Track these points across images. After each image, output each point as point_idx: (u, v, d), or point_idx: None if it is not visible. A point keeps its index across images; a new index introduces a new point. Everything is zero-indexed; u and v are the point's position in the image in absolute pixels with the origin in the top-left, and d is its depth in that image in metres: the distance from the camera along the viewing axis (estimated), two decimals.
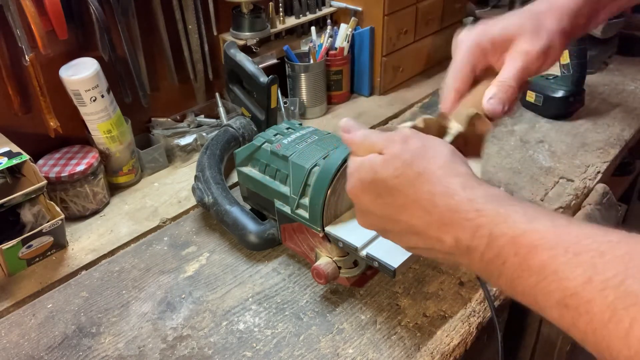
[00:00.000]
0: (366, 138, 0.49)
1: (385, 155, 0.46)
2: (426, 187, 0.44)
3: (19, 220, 0.79)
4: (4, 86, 0.84)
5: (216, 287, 0.74)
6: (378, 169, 0.46)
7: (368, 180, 0.47)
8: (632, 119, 1.11)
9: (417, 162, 0.45)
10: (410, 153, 0.45)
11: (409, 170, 0.45)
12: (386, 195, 0.46)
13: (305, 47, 1.17)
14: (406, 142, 0.46)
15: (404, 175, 0.45)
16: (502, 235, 0.38)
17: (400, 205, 0.45)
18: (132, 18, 0.93)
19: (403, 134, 0.48)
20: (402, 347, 0.64)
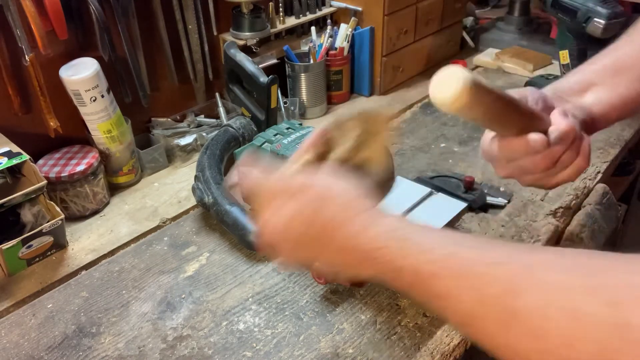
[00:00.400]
0: (262, 188, 0.51)
1: (287, 214, 0.48)
2: (336, 234, 0.46)
3: (19, 220, 0.79)
4: (4, 86, 0.84)
5: (216, 287, 0.74)
6: (285, 230, 0.48)
7: (279, 238, 0.50)
8: (632, 119, 1.10)
9: (319, 215, 0.47)
10: (310, 208, 0.47)
11: (315, 226, 0.47)
12: (302, 247, 0.49)
13: (305, 47, 1.17)
14: (303, 193, 0.48)
15: (311, 230, 0.47)
16: (405, 267, 0.42)
17: (318, 251, 0.48)
18: (132, 18, 0.93)
19: (297, 185, 0.49)
20: (402, 347, 0.64)
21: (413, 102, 1.21)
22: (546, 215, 0.85)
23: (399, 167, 0.95)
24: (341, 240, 0.46)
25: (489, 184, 0.91)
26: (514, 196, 0.89)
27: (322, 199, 0.48)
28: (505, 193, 0.89)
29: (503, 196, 0.88)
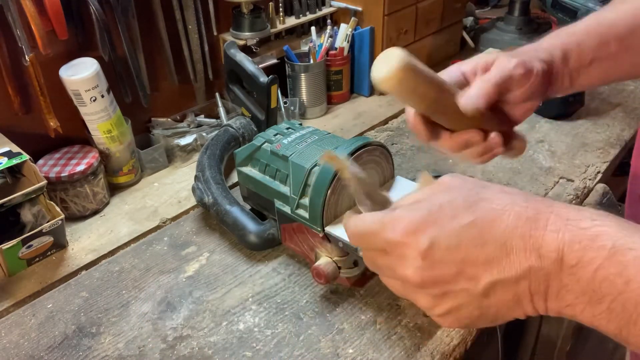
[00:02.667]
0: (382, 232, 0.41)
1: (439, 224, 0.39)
2: (517, 197, 0.39)
3: (19, 220, 0.79)
4: (4, 86, 0.84)
5: (216, 287, 0.74)
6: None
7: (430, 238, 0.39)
8: (632, 119, 1.11)
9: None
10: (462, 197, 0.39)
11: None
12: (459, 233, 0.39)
13: (305, 47, 1.17)
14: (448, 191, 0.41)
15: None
16: (629, 250, 0.33)
17: (485, 220, 0.38)
18: (132, 18, 0.93)
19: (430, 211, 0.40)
20: (402, 347, 0.64)
21: None
22: None
23: (398, 167, 0.95)
24: (521, 206, 0.37)
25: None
26: None
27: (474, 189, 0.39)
28: None
29: None
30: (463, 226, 0.38)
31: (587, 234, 0.35)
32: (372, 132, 1.12)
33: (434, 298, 0.40)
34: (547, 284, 0.36)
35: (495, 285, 0.38)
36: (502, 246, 0.37)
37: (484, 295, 0.38)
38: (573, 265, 0.35)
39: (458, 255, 0.38)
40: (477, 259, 0.37)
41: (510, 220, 0.37)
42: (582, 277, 0.35)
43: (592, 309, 0.35)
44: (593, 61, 0.56)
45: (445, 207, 0.39)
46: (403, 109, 1.19)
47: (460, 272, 0.38)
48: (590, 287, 0.35)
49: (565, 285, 0.36)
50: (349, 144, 0.68)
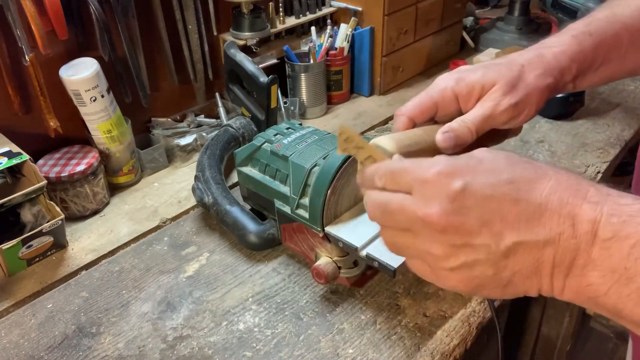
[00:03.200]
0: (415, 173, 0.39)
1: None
2: (559, 168, 0.37)
3: (19, 220, 0.79)
4: (4, 86, 0.84)
5: (216, 287, 0.74)
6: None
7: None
8: (632, 119, 1.11)
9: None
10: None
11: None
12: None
13: (305, 47, 1.17)
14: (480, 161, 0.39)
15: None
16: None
17: (525, 179, 0.36)
18: (132, 18, 0.93)
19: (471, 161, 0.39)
20: (402, 347, 0.64)
21: None
22: None
23: None
24: (562, 176, 0.36)
25: None
26: None
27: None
28: None
29: None
30: (501, 181, 0.36)
31: (628, 209, 0.34)
32: (372, 132, 1.12)
33: (450, 247, 0.37)
34: (574, 257, 0.35)
35: (518, 246, 0.36)
36: (536, 207, 0.35)
37: (504, 255, 0.36)
38: (608, 239, 0.33)
39: (489, 206, 0.36)
40: (508, 214, 0.35)
41: (550, 184, 0.36)
42: (615, 252, 0.33)
43: (620, 289, 0.33)
44: (602, 63, 0.56)
45: (485, 162, 0.37)
46: None
47: (486, 224, 0.36)
48: (623, 264, 0.33)
49: (593, 260, 0.34)
50: None
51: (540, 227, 0.35)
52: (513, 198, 0.35)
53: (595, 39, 0.55)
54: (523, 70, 0.54)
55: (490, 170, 0.37)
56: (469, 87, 0.53)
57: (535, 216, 0.35)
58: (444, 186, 0.36)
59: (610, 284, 0.34)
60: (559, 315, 1.10)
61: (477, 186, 0.36)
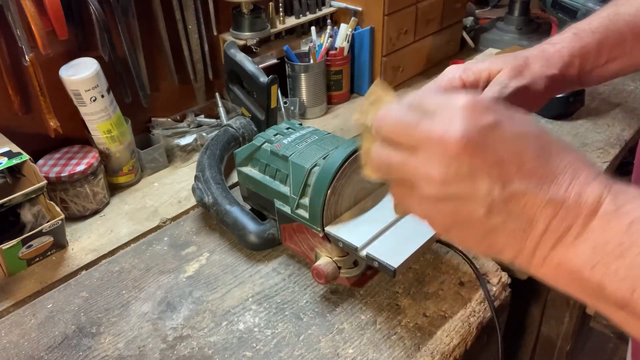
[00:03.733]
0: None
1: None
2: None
3: (19, 220, 0.79)
4: (4, 86, 0.84)
5: (216, 287, 0.74)
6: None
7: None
8: (632, 119, 1.11)
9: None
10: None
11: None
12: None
13: (305, 47, 1.17)
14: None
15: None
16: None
17: (553, 144, 0.36)
18: (132, 18, 0.93)
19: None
20: (402, 347, 0.64)
21: None
22: None
23: None
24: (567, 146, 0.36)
25: None
26: None
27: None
28: None
29: None
30: (531, 132, 0.36)
31: (633, 192, 0.34)
32: None
33: (454, 174, 0.35)
34: (570, 225, 0.34)
35: (521, 196, 0.35)
36: (553, 169, 0.35)
37: (505, 199, 0.35)
38: (609, 212, 0.33)
39: (512, 147, 0.35)
40: (526, 163, 0.35)
41: (569, 157, 0.36)
42: (614, 226, 0.33)
43: (608, 263, 0.33)
44: (608, 61, 0.56)
45: (517, 117, 0.37)
46: None
47: (502, 164, 0.34)
48: (618, 238, 0.33)
49: (589, 230, 0.34)
50: (349, 144, 0.68)
51: (548, 185, 0.34)
52: (536, 152, 0.35)
53: (597, 36, 0.56)
54: (528, 61, 0.54)
55: (522, 123, 0.36)
56: (476, 74, 0.54)
57: (549, 176, 0.35)
58: (476, 115, 0.34)
59: (599, 258, 0.33)
60: (559, 315, 1.10)
61: (508, 127, 0.35)
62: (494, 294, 0.72)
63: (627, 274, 0.32)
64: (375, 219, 0.67)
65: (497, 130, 0.35)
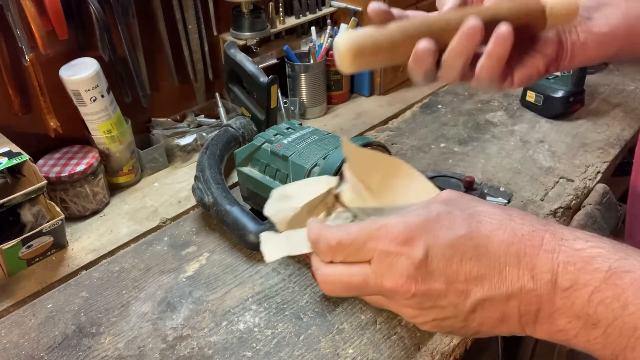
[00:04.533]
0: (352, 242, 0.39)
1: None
2: (514, 213, 0.38)
3: (19, 220, 0.79)
4: (4, 86, 0.84)
5: (216, 287, 0.74)
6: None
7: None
8: (632, 119, 1.11)
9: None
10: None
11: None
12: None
13: (305, 47, 1.17)
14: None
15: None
16: (626, 273, 0.33)
17: (482, 234, 0.37)
18: (132, 18, 0.93)
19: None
20: (402, 347, 0.64)
21: (413, 102, 1.22)
22: (546, 216, 0.85)
23: None
24: (513, 232, 0.36)
25: (489, 184, 0.91)
26: (513, 196, 0.89)
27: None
28: (505, 193, 0.89)
29: (503, 196, 0.88)
30: (459, 237, 0.37)
31: (582, 255, 0.34)
32: (372, 132, 1.12)
33: (420, 309, 0.39)
34: (539, 306, 0.36)
35: (484, 302, 0.37)
36: (496, 261, 0.36)
37: (471, 310, 0.37)
38: (567, 288, 0.34)
39: (451, 267, 0.37)
40: (470, 273, 0.37)
41: (506, 236, 0.36)
42: (576, 300, 0.34)
43: (587, 334, 0.34)
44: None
45: (442, 217, 0.38)
46: (403, 109, 1.19)
47: (452, 285, 0.37)
48: (585, 312, 0.34)
49: (558, 309, 0.35)
50: None
51: (501, 282, 0.36)
52: (473, 256, 0.37)
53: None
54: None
55: (448, 227, 0.37)
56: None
57: (495, 272, 0.36)
58: (406, 254, 0.37)
59: (577, 329, 0.35)
60: None
61: (438, 248, 0.37)
62: None
63: (605, 343, 0.34)
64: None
65: (430, 257, 0.37)
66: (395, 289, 0.38)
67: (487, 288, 0.36)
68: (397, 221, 0.38)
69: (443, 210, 0.38)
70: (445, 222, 0.38)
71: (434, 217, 0.38)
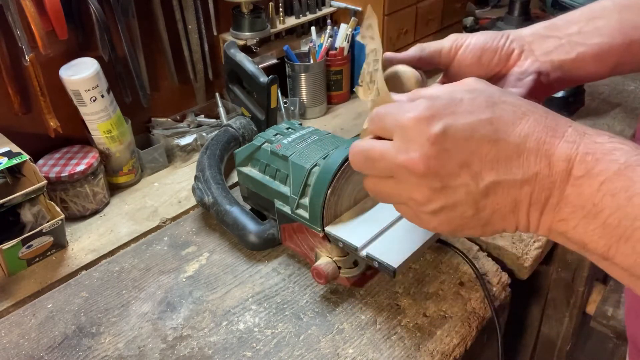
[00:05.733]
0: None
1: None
2: (539, 107, 0.37)
3: (19, 220, 0.79)
4: (4, 86, 0.84)
5: (216, 287, 0.74)
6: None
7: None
8: (632, 119, 1.11)
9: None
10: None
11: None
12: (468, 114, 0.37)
13: (305, 47, 1.17)
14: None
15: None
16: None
17: (504, 120, 0.37)
18: (132, 18, 0.93)
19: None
20: (402, 347, 0.64)
21: None
22: None
23: None
24: (536, 111, 0.37)
25: None
26: None
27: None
28: None
29: None
30: (480, 120, 0.37)
31: (602, 148, 0.35)
32: None
33: (431, 191, 0.38)
34: (549, 194, 0.36)
35: (497, 186, 0.37)
36: (515, 147, 0.36)
37: (484, 194, 0.37)
38: (580, 177, 0.35)
39: (468, 147, 0.37)
40: (487, 154, 0.36)
41: (528, 124, 0.36)
42: (585, 189, 0.34)
43: (587, 224, 0.35)
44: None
45: (465, 102, 0.38)
46: None
47: (465, 165, 0.37)
48: (591, 201, 0.34)
49: (566, 197, 0.35)
50: (349, 144, 0.68)
51: (518, 167, 0.36)
52: (492, 139, 0.36)
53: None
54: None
55: (470, 111, 0.37)
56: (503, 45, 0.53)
57: (513, 156, 0.36)
58: (423, 130, 0.37)
59: (578, 219, 0.35)
60: (559, 315, 1.10)
61: (456, 128, 0.37)
62: (494, 294, 0.72)
63: (602, 233, 0.34)
64: (375, 219, 0.67)
65: (448, 135, 0.37)
66: (408, 165, 0.38)
67: (503, 172, 0.36)
68: (421, 100, 0.38)
69: (467, 97, 0.38)
70: (467, 106, 0.38)
71: (457, 102, 0.38)
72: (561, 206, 0.36)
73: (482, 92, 0.39)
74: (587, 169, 0.34)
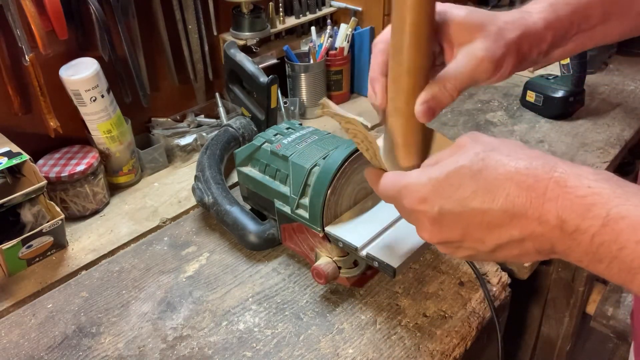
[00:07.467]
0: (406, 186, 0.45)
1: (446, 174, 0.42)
2: (519, 163, 0.39)
3: (19, 220, 0.79)
4: (4, 86, 0.84)
5: (216, 287, 0.74)
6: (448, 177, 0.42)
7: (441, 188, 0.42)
8: (632, 119, 1.11)
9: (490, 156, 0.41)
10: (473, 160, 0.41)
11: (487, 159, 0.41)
12: (466, 187, 0.41)
13: (305, 47, 1.17)
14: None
15: (484, 161, 0.41)
16: (622, 219, 0.35)
17: (487, 189, 0.40)
18: (132, 18, 0.93)
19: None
20: (402, 347, 0.64)
21: None
22: None
23: None
24: (526, 171, 0.39)
25: None
26: None
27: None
28: None
29: None
30: (466, 197, 0.40)
31: (583, 203, 0.37)
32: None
33: (447, 248, 0.45)
34: (552, 245, 0.39)
35: (501, 245, 0.41)
36: (503, 213, 0.39)
37: (492, 251, 0.42)
38: (572, 232, 0.37)
39: (464, 220, 0.41)
40: (481, 223, 0.40)
41: (511, 190, 0.39)
42: (582, 242, 0.37)
43: (595, 267, 0.38)
44: (575, 34, 0.54)
45: (451, 176, 0.41)
46: None
47: (466, 235, 0.42)
48: (591, 250, 0.37)
49: (569, 247, 0.38)
50: (349, 144, 0.68)
51: (513, 229, 0.40)
52: (481, 210, 0.40)
53: (571, 8, 0.53)
54: (505, 27, 0.51)
55: (457, 186, 0.41)
56: (456, 26, 0.51)
57: (505, 221, 0.40)
58: (423, 212, 0.43)
59: (587, 262, 0.38)
60: (559, 315, 1.10)
61: (448, 207, 0.41)
62: (494, 294, 0.72)
63: (611, 274, 0.37)
64: (375, 219, 0.67)
65: (443, 214, 0.42)
66: (425, 239, 0.45)
67: (500, 234, 0.40)
68: (414, 184, 0.44)
69: (452, 169, 0.42)
70: (454, 181, 0.41)
71: (443, 179, 0.42)
72: (568, 252, 0.39)
73: (467, 156, 0.42)
74: (575, 225, 0.37)
